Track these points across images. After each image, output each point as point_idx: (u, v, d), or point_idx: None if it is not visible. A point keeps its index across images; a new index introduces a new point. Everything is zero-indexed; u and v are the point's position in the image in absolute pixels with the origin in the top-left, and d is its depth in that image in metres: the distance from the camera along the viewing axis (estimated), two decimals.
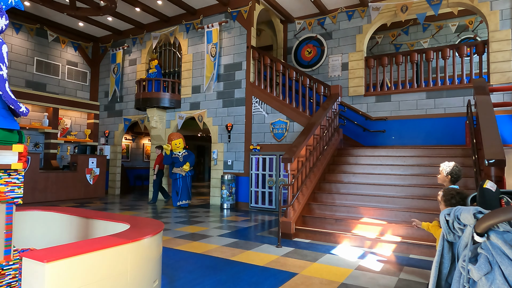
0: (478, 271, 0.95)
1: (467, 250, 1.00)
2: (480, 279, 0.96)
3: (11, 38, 10.34)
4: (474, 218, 0.99)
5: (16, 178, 2.85)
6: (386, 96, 8.28)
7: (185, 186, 8.57)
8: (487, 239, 0.97)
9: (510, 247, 0.92)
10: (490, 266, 0.95)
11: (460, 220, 1.03)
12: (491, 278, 0.93)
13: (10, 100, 2.79)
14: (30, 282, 2.09)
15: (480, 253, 0.98)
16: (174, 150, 8.64)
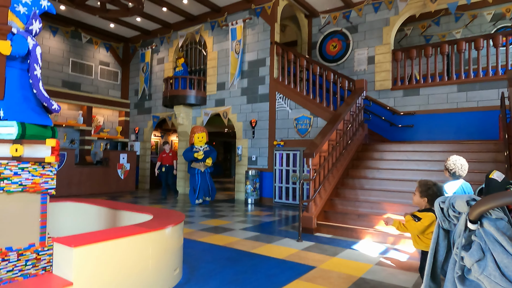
0: (470, 258, 0.95)
1: (461, 237, 1.01)
2: (472, 266, 0.96)
3: (48, 40, 10.97)
4: (467, 205, 0.99)
5: (50, 171, 3.07)
6: (415, 89, 8.02)
7: (204, 182, 8.18)
8: (481, 226, 0.97)
9: (502, 234, 0.91)
10: (482, 253, 0.95)
11: (455, 208, 1.03)
12: (483, 265, 0.94)
13: (43, 98, 3.00)
14: (60, 264, 2.27)
15: (474, 241, 0.98)
16: (196, 144, 8.16)
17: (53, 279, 2.19)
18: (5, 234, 2.79)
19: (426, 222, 2.43)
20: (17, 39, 2.85)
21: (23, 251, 2.89)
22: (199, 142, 8.17)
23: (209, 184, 8.25)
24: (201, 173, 8.12)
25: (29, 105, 2.99)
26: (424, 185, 2.48)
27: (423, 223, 2.42)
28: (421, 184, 2.47)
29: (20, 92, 2.96)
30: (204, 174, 8.17)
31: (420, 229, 2.43)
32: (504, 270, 0.89)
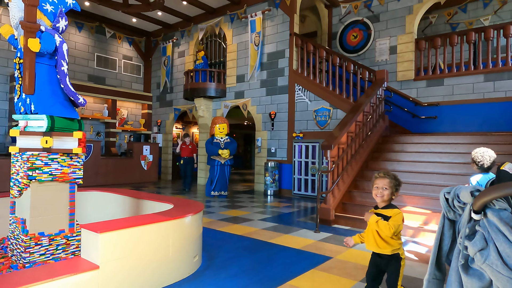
0: (473, 247, 0.97)
1: (465, 227, 1.02)
2: (475, 255, 0.98)
3: (75, 36, 11.34)
4: (471, 196, 1.00)
5: (77, 161, 3.24)
6: (439, 80, 7.79)
7: (222, 175, 7.97)
8: (484, 216, 0.98)
9: (505, 224, 0.93)
10: (485, 242, 0.97)
11: (459, 198, 1.05)
12: (485, 254, 0.95)
13: (70, 93, 3.16)
14: (87, 249, 2.42)
15: (478, 231, 0.99)
16: (217, 135, 8.01)
17: (81, 263, 2.35)
18: (38, 220, 2.99)
19: (400, 222, 2.09)
20: (45, 37, 3.00)
21: (54, 236, 3.09)
22: (219, 133, 8.02)
23: (227, 177, 8.07)
24: (220, 165, 7.95)
25: (57, 99, 3.16)
26: (396, 178, 2.16)
27: (398, 221, 2.06)
28: (394, 177, 2.15)
29: (48, 87, 3.13)
30: (223, 166, 7.99)
31: (395, 230, 2.05)
32: (506, 259, 0.91)
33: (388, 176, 2.14)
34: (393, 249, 2.11)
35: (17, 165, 3.10)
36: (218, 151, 7.77)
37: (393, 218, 2.07)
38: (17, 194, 3.06)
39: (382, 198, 2.14)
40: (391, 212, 2.11)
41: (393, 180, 2.14)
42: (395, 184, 2.13)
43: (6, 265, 3.00)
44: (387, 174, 2.15)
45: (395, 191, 2.14)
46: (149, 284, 2.61)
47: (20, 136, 3.01)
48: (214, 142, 7.94)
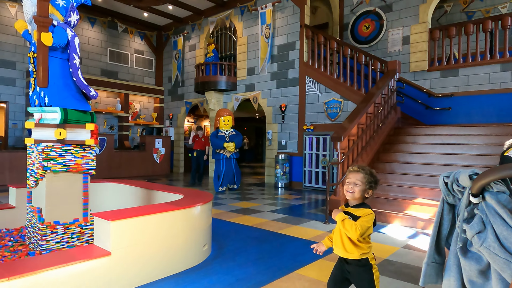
0: (471, 230, 0.98)
1: (464, 211, 1.03)
2: (473, 238, 0.98)
3: (88, 31, 11.51)
4: (470, 179, 1.00)
5: (90, 153, 3.33)
6: (453, 70, 7.62)
7: (229, 169, 7.75)
8: (483, 200, 0.98)
9: (502, 207, 0.93)
10: (483, 225, 0.97)
11: (459, 182, 1.05)
12: (483, 237, 0.96)
13: (82, 86, 3.24)
14: (100, 236, 2.50)
15: (476, 214, 1.00)
16: (222, 127, 7.79)
17: (94, 249, 2.43)
18: (53, 209, 3.09)
19: (369, 223, 1.80)
20: (57, 31, 3.07)
21: (68, 225, 3.20)
22: (224, 125, 7.79)
23: (234, 170, 7.86)
24: (226, 158, 7.71)
25: (70, 92, 3.24)
26: (373, 174, 1.87)
27: (367, 223, 1.79)
28: (370, 173, 1.86)
29: (61, 80, 3.22)
30: (229, 160, 7.74)
31: (363, 232, 1.79)
32: (504, 241, 0.92)
33: (363, 170, 1.86)
34: (361, 252, 1.82)
35: (33, 156, 3.21)
36: (223, 144, 7.59)
37: (362, 218, 1.79)
38: (33, 184, 3.17)
39: (353, 195, 1.85)
40: (361, 212, 1.82)
41: (367, 176, 1.84)
42: (369, 180, 1.83)
43: (24, 252, 3.12)
44: (362, 168, 1.87)
45: (369, 189, 1.84)
46: (159, 270, 2.68)
47: (35, 128, 3.11)
48: (219, 135, 7.71)
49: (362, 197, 1.86)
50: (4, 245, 3.33)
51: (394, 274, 2.90)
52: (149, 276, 2.61)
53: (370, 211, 1.82)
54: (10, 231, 3.80)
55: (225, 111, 7.95)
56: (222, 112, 7.92)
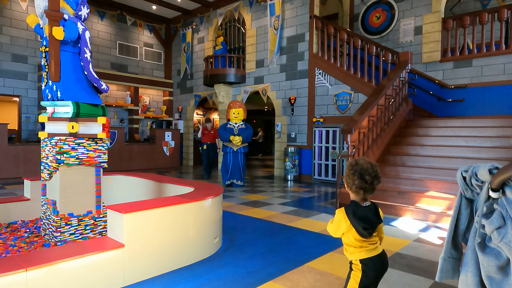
0: (490, 225, 0.96)
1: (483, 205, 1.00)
2: (492, 233, 0.96)
3: (97, 25, 11.56)
4: (489, 174, 0.98)
5: (102, 146, 3.37)
6: (467, 61, 7.44)
7: (236, 164, 7.41)
8: (503, 194, 0.96)
9: None
10: (503, 221, 0.95)
11: (477, 177, 1.02)
12: (503, 232, 0.94)
13: (93, 79, 3.26)
14: (113, 228, 2.53)
15: (496, 209, 0.98)
16: (232, 120, 7.50)
17: (107, 241, 2.46)
18: (67, 202, 3.15)
19: (335, 223, 1.75)
20: (68, 25, 3.09)
21: (82, 217, 3.25)
22: (234, 118, 7.48)
23: (241, 166, 7.46)
24: (233, 152, 7.40)
25: (81, 86, 3.26)
26: (347, 165, 1.75)
27: (333, 224, 1.76)
28: (348, 166, 1.74)
29: (73, 74, 3.24)
30: (236, 154, 7.42)
31: (331, 231, 1.78)
32: None
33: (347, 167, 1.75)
34: (348, 253, 1.80)
35: (47, 149, 3.26)
36: (229, 137, 7.32)
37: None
38: (47, 177, 3.23)
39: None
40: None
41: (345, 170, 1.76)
42: (346, 174, 1.74)
43: (40, 243, 3.19)
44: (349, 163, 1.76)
45: (346, 183, 1.75)
46: (171, 263, 2.72)
47: (48, 122, 3.15)
48: (227, 127, 7.44)
49: (352, 194, 1.75)
50: (20, 236, 3.41)
51: (406, 267, 2.88)
52: (161, 268, 2.64)
53: (338, 211, 1.75)
54: (26, 223, 3.88)
55: (236, 103, 7.65)
56: (233, 104, 7.63)
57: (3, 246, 3.06)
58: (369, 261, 1.72)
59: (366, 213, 1.70)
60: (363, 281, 1.73)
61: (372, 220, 1.70)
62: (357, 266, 1.75)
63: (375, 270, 1.73)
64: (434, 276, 2.69)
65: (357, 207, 1.70)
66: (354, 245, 1.73)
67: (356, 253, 1.74)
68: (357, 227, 1.67)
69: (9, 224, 3.80)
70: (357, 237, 1.70)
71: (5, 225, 3.78)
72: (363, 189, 1.67)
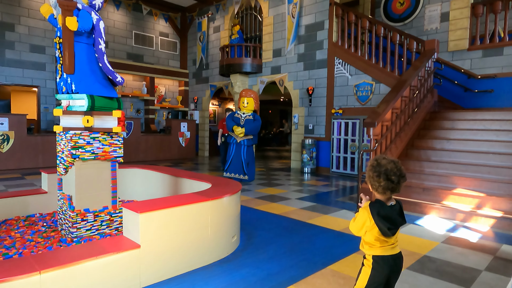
0: None
1: None
2: None
3: (113, 14, 11.50)
4: None
5: (117, 140, 3.27)
6: (497, 49, 7.01)
7: (237, 156, 6.86)
8: None
9: None
10: None
11: None
12: None
13: (108, 71, 3.15)
14: (129, 228, 2.44)
15: None
16: (241, 109, 6.94)
17: (123, 241, 2.38)
18: (83, 197, 3.08)
19: (359, 221, 1.69)
20: (82, 15, 2.97)
21: (98, 212, 3.19)
22: (243, 107, 6.89)
23: (243, 159, 6.84)
24: (236, 143, 6.85)
25: (96, 78, 3.16)
26: (368, 166, 1.69)
27: (356, 222, 1.71)
28: (370, 165, 1.69)
29: (88, 66, 3.13)
30: (239, 146, 6.83)
31: (354, 230, 1.73)
32: None
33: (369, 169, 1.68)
34: (363, 248, 1.76)
35: (62, 143, 3.19)
36: (232, 127, 6.80)
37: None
38: (63, 171, 3.17)
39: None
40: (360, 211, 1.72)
41: (367, 172, 1.69)
42: (368, 176, 1.67)
43: (57, 238, 3.16)
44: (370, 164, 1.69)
45: (370, 185, 1.68)
46: (188, 263, 2.62)
47: (63, 115, 3.07)
48: (234, 116, 6.90)
49: (378, 194, 1.68)
50: (37, 230, 3.39)
51: (436, 273, 2.70)
52: (178, 269, 2.55)
53: (362, 209, 1.68)
54: (43, 216, 3.87)
55: (248, 92, 7.00)
56: (244, 93, 7.00)
57: (20, 241, 3.03)
58: (381, 259, 1.68)
59: (392, 213, 1.65)
60: (372, 279, 1.70)
61: (397, 221, 1.66)
62: (369, 262, 1.72)
63: (387, 270, 1.68)
64: (467, 284, 2.52)
65: (383, 207, 1.65)
66: (373, 243, 1.70)
67: (372, 249, 1.71)
68: (381, 227, 1.63)
69: (27, 217, 3.79)
70: (379, 236, 1.66)
71: (23, 218, 3.77)
72: (391, 190, 1.63)
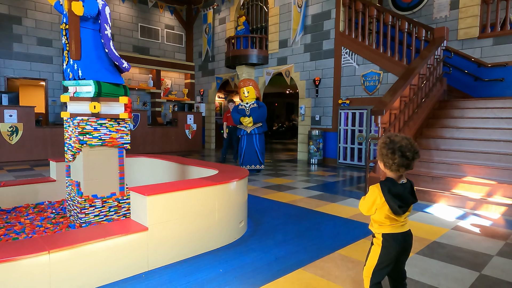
0: None
1: None
2: None
3: (119, 7, 11.49)
4: None
5: (124, 127, 3.27)
6: (509, 36, 6.86)
7: (250, 147, 6.78)
8: None
9: None
10: None
11: None
12: None
13: (114, 57, 3.13)
14: (136, 211, 2.44)
15: None
16: (243, 99, 6.84)
17: (131, 224, 2.38)
18: (91, 183, 3.09)
19: (369, 199, 1.68)
20: (88, 0, 2.96)
21: (106, 198, 3.20)
22: (245, 98, 6.78)
23: (257, 149, 6.79)
24: (247, 135, 6.78)
25: (103, 65, 3.15)
26: (380, 144, 1.65)
27: (366, 201, 1.70)
28: (383, 141, 1.65)
29: (94, 52, 3.12)
30: (250, 136, 6.76)
31: (364, 209, 1.73)
32: None
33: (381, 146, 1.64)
34: (372, 227, 1.77)
35: (69, 130, 3.20)
36: (239, 118, 6.73)
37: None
38: (71, 158, 3.18)
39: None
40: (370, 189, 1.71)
41: (379, 145, 1.65)
42: (379, 151, 1.64)
43: (65, 224, 3.18)
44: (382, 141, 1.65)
45: (379, 160, 1.65)
46: (196, 247, 2.62)
47: (70, 101, 3.07)
48: (239, 108, 6.82)
49: (390, 172, 1.65)
50: (46, 217, 3.42)
51: (447, 257, 2.66)
52: (186, 252, 2.55)
53: (373, 187, 1.68)
54: (52, 203, 3.90)
55: (245, 82, 6.84)
56: (243, 83, 6.85)
57: (30, 227, 3.06)
58: (391, 237, 1.67)
59: (403, 191, 1.63)
60: (382, 257, 1.70)
61: (408, 199, 1.63)
62: (378, 241, 1.71)
63: (397, 247, 1.67)
64: (478, 268, 2.48)
65: (394, 185, 1.63)
66: (383, 222, 1.68)
67: (381, 227, 1.70)
68: (392, 205, 1.61)
69: (36, 205, 3.83)
70: (389, 214, 1.65)
71: (32, 205, 3.81)
72: (405, 166, 1.59)
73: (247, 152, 6.82)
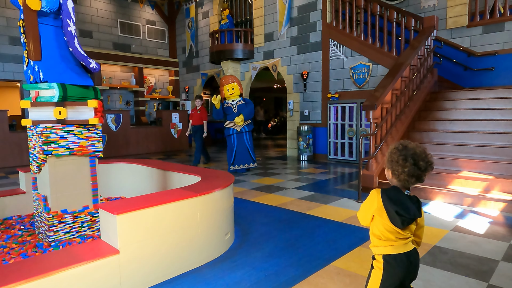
0: None
1: None
2: None
3: (96, 2, 10.99)
4: None
5: (95, 133, 2.96)
6: (498, 24, 6.71)
7: (242, 146, 6.54)
8: None
9: None
10: None
11: None
12: None
13: (80, 57, 2.81)
14: (106, 230, 2.17)
15: None
16: (227, 97, 6.54)
17: (101, 246, 2.10)
18: (59, 197, 2.79)
19: (366, 203, 1.52)
20: None
21: (78, 213, 2.90)
22: (230, 95, 6.50)
23: (248, 146, 6.59)
24: (237, 133, 6.51)
25: (68, 65, 2.83)
26: (391, 149, 1.51)
27: (363, 205, 1.54)
28: (390, 151, 1.51)
29: (57, 51, 2.80)
30: (241, 135, 6.52)
31: (360, 215, 1.56)
32: None
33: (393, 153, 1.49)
34: (372, 246, 1.55)
35: (33, 139, 2.88)
36: (234, 118, 6.43)
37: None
38: (36, 170, 2.86)
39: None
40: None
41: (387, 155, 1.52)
42: (387, 157, 1.51)
43: (33, 243, 2.87)
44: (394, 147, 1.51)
45: (388, 167, 1.50)
46: (175, 267, 2.36)
47: (32, 107, 2.75)
48: (225, 106, 6.54)
49: (398, 182, 1.46)
50: (13, 234, 3.10)
51: (450, 266, 2.46)
52: (165, 274, 2.29)
53: (373, 191, 1.51)
54: (22, 218, 3.58)
55: (228, 78, 6.58)
56: (225, 80, 6.57)
57: None
58: (393, 259, 1.44)
59: (405, 199, 1.43)
60: (384, 283, 1.47)
61: (410, 209, 1.40)
62: (379, 264, 1.48)
63: (400, 270, 1.44)
64: (485, 277, 2.28)
65: (397, 191, 1.44)
66: (382, 236, 1.46)
67: (381, 246, 1.47)
68: (389, 210, 1.42)
69: (4, 220, 3.50)
70: (388, 226, 1.43)
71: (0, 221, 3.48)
72: (416, 177, 1.41)
73: (239, 151, 6.57)
